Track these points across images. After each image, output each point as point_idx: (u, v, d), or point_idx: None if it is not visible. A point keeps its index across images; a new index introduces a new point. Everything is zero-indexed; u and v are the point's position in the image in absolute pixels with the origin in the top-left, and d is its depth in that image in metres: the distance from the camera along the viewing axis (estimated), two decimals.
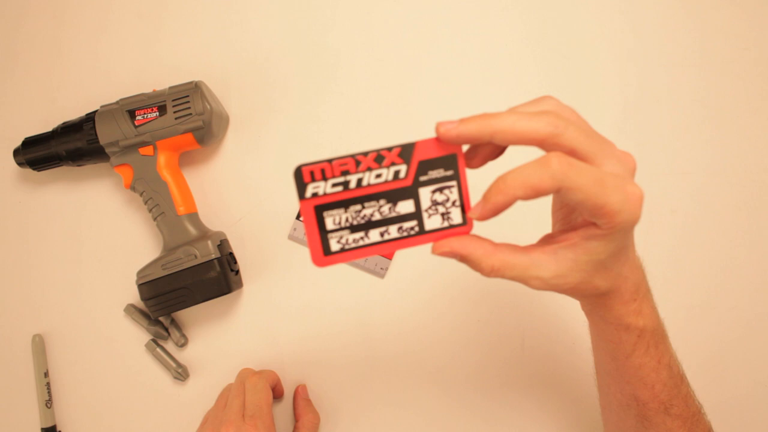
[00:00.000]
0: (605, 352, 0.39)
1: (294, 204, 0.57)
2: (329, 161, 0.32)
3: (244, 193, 0.58)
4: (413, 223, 0.34)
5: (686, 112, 0.56)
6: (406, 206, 0.33)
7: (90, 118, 0.53)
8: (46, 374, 0.57)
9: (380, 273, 0.57)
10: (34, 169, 0.55)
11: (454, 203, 0.33)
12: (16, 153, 0.55)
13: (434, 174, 0.33)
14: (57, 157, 0.54)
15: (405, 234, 0.34)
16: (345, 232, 0.33)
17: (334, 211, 0.33)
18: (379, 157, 0.32)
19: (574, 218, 0.35)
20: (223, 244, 0.54)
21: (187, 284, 0.52)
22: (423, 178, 0.33)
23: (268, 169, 0.58)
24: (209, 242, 0.53)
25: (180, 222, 0.53)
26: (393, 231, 0.34)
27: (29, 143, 0.54)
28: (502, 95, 0.57)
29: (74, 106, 0.58)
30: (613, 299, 0.35)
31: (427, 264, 0.56)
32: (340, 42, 0.58)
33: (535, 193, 0.29)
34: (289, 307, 0.57)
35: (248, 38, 0.58)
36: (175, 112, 0.52)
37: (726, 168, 0.56)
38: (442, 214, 0.34)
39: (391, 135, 0.56)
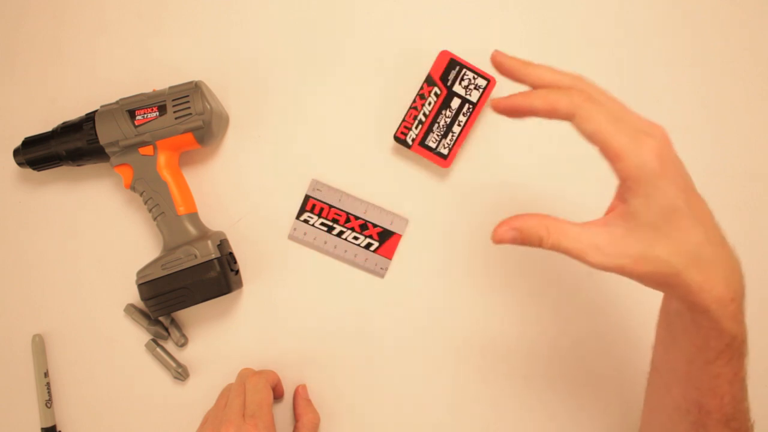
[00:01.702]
0: (680, 354, 0.37)
1: (294, 204, 0.57)
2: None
3: (244, 193, 0.58)
4: (468, 106, 0.53)
5: (686, 112, 0.56)
6: (455, 104, 0.53)
7: (90, 118, 0.53)
8: (46, 374, 0.57)
9: (380, 273, 0.57)
10: (34, 169, 0.55)
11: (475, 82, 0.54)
12: (16, 153, 0.55)
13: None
14: (57, 157, 0.54)
15: (468, 115, 0.53)
16: (443, 139, 0.54)
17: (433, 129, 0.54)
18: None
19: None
20: (223, 244, 0.54)
21: (187, 284, 0.52)
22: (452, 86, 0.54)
23: (268, 169, 0.58)
24: (209, 242, 0.53)
25: (180, 222, 0.53)
26: (462, 120, 0.53)
27: (29, 143, 0.54)
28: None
29: (74, 106, 0.58)
30: (704, 296, 0.33)
31: (427, 263, 0.57)
32: (340, 42, 0.58)
33: (551, 108, 0.34)
34: (289, 307, 0.57)
35: (248, 38, 0.58)
36: (175, 112, 0.52)
37: (726, 168, 0.56)
38: (475, 87, 0.53)
39: (391, 135, 0.56)
